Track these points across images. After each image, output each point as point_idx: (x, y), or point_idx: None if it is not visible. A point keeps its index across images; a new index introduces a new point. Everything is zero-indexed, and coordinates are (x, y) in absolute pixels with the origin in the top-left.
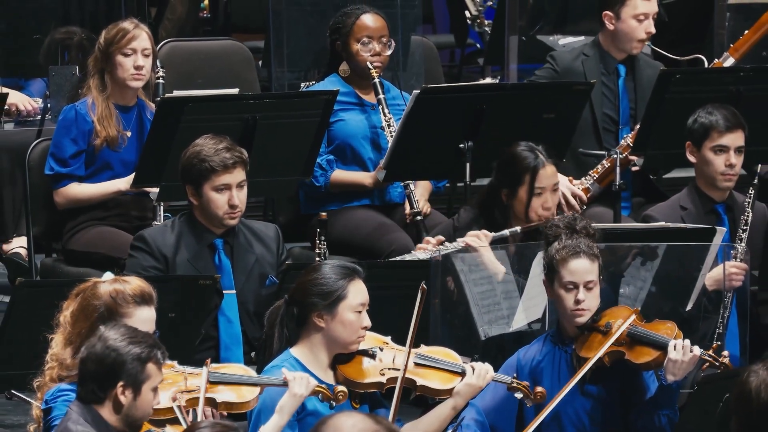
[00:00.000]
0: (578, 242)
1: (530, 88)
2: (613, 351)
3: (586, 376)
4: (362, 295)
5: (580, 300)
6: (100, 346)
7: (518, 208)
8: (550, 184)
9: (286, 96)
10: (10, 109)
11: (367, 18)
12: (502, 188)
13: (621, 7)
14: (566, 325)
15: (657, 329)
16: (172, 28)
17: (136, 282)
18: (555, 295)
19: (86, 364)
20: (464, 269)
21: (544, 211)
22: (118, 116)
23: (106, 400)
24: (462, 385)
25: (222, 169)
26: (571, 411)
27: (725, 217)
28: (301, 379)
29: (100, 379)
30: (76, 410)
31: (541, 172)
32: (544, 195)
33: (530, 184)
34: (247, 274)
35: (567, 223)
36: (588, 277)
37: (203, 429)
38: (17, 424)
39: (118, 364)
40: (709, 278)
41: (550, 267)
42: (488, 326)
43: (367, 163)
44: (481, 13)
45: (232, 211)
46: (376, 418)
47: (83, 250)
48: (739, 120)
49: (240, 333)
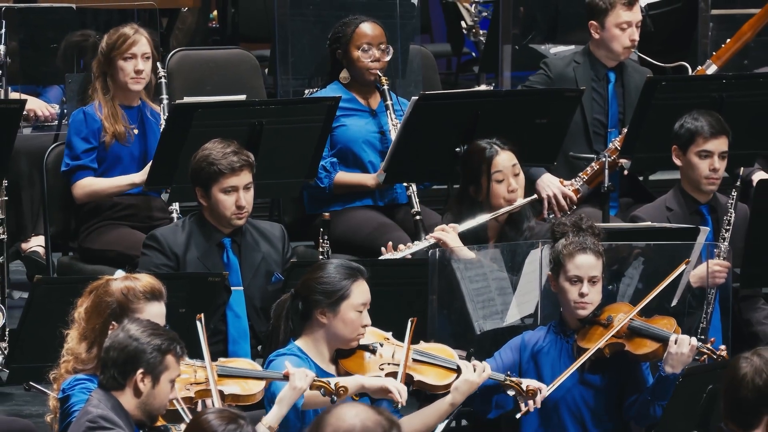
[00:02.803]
0: (585, 239)
1: (523, 94)
2: (613, 343)
3: (585, 366)
4: (364, 295)
5: (584, 293)
6: (122, 335)
7: (484, 197)
8: (509, 167)
9: (290, 102)
10: (28, 114)
11: (365, 26)
12: (469, 186)
13: (605, 17)
14: (568, 318)
15: (657, 323)
16: (182, 37)
17: (147, 279)
18: (560, 288)
19: (109, 352)
20: (460, 267)
21: (510, 194)
22: (124, 114)
23: (126, 386)
24: (461, 381)
25: (229, 172)
26: (570, 399)
27: (709, 217)
28: (301, 373)
29: (121, 365)
30: (97, 396)
31: (497, 158)
32: (506, 180)
33: (488, 171)
34: (254, 271)
35: (573, 222)
36: (592, 272)
37: (209, 415)
38: (35, 414)
39: (138, 352)
40: (693, 275)
41: (557, 261)
42: (483, 321)
43: (368, 166)
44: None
45: (240, 211)
46: (378, 410)
47: (98, 248)
48: (723, 126)
49: (247, 327)
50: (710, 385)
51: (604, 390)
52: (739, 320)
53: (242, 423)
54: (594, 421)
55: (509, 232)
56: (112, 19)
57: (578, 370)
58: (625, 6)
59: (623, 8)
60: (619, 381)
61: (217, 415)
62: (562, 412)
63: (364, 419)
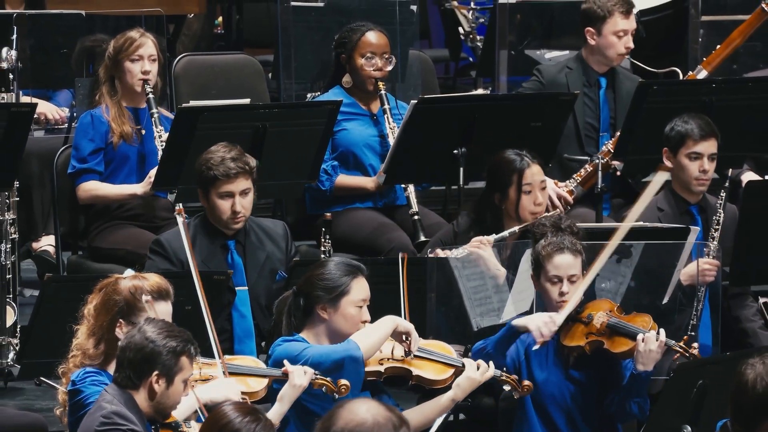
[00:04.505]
0: (563, 239)
1: (519, 98)
2: (593, 341)
3: (570, 363)
4: (364, 291)
5: (564, 292)
6: (139, 336)
7: (510, 208)
8: (538, 181)
9: (293, 106)
10: (39, 118)
11: (371, 35)
12: (494, 192)
13: (602, 24)
14: None
15: (634, 321)
16: (188, 43)
17: (154, 278)
18: (541, 288)
19: (125, 352)
20: (458, 266)
21: (535, 207)
22: (130, 115)
23: (141, 387)
24: (463, 378)
25: (224, 178)
26: (558, 395)
27: (699, 217)
28: (299, 371)
29: (137, 366)
30: (110, 392)
31: (528, 171)
32: (533, 192)
33: (518, 183)
34: (259, 270)
35: (553, 222)
36: (571, 271)
37: (226, 407)
38: (45, 408)
39: (154, 354)
40: (684, 274)
41: (537, 262)
42: (480, 318)
43: (368, 169)
44: (473, 29)
45: (235, 216)
46: (387, 406)
47: (107, 247)
48: (713, 129)
49: (252, 327)
50: (700, 381)
51: (588, 386)
52: (728, 317)
53: (260, 416)
54: (582, 415)
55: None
56: (120, 25)
57: (563, 366)
58: (623, 14)
59: (621, 16)
60: (601, 377)
61: (235, 408)
62: (552, 408)
63: (375, 414)
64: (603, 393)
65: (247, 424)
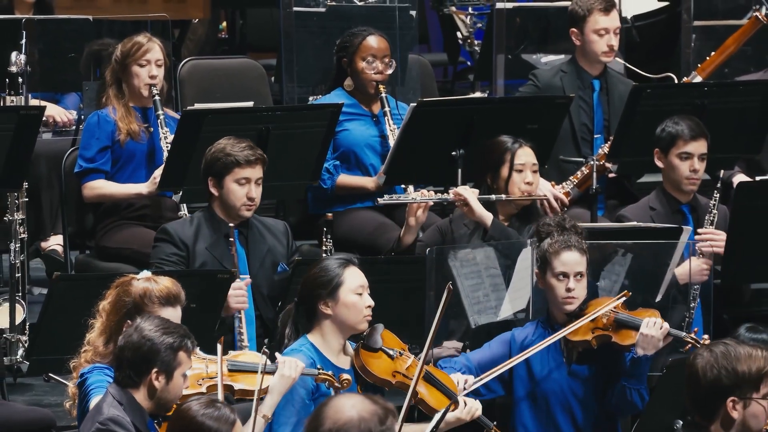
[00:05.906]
0: (569, 237)
1: (516, 101)
2: (600, 335)
3: (573, 358)
4: (359, 278)
5: (571, 288)
6: (136, 336)
7: (501, 185)
8: (530, 163)
9: (296, 108)
10: (47, 120)
11: (372, 39)
12: (487, 174)
13: (584, 24)
14: (556, 313)
15: (641, 315)
16: (193, 47)
17: (165, 283)
18: (547, 285)
19: (124, 352)
20: (456, 264)
21: (525, 186)
22: (138, 114)
23: (141, 385)
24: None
25: (245, 164)
26: (559, 390)
27: (690, 216)
28: (291, 362)
29: (136, 365)
30: (112, 393)
31: (520, 150)
32: (524, 172)
33: (510, 162)
34: (261, 260)
35: (557, 222)
36: (578, 268)
37: (192, 402)
38: (54, 403)
39: (152, 352)
40: (678, 272)
41: (543, 259)
42: (478, 316)
43: (369, 169)
44: (471, 34)
45: (250, 203)
46: (373, 398)
47: (114, 246)
48: (703, 129)
49: (253, 315)
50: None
51: (591, 380)
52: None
53: (219, 405)
54: (582, 410)
55: (514, 224)
56: (126, 30)
57: (566, 362)
58: (602, 12)
59: (600, 14)
60: (606, 371)
61: (197, 401)
62: (552, 403)
63: (360, 410)
64: (606, 388)
65: (206, 413)
